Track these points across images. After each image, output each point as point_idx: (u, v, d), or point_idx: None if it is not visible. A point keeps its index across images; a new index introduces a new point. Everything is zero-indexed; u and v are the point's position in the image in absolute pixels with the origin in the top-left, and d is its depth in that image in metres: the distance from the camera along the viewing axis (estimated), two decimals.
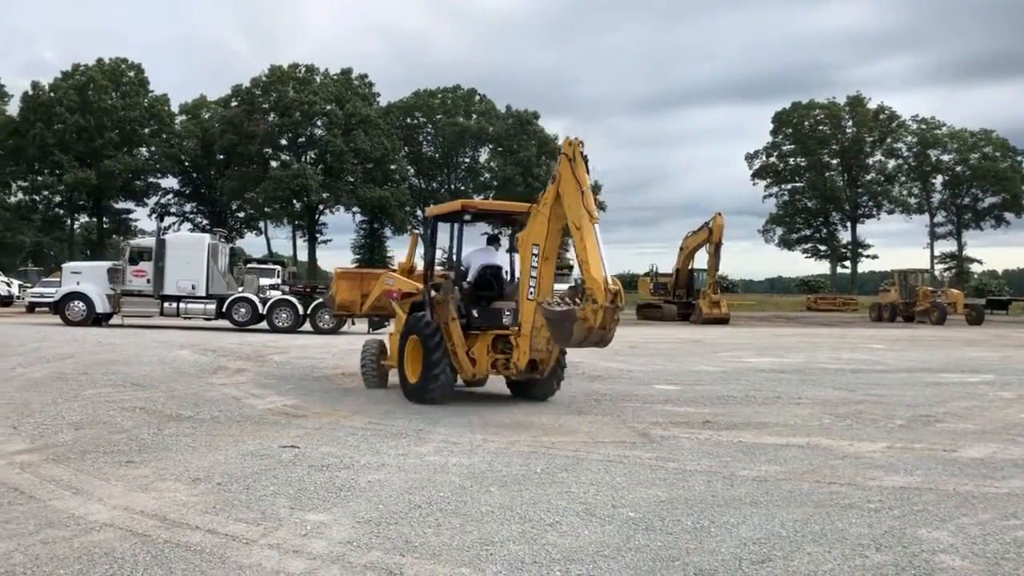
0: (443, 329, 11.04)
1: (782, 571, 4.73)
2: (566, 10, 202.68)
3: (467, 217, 11.94)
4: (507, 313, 11.26)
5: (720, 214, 40.32)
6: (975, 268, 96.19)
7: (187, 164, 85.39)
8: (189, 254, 28.03)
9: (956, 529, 5.60)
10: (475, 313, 11.23)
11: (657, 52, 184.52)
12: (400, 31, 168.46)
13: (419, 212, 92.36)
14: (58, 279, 31.69)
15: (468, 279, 11.69)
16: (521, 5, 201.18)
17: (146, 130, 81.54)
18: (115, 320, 28.53)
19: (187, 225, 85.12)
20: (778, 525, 5.64)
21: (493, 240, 12.54)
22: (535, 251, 10.55)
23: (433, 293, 11.39)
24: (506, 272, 12.11)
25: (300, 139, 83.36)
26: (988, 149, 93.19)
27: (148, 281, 27.67)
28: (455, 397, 11.58)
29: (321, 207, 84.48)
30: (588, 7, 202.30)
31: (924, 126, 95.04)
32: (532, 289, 10.48)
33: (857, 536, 5.41)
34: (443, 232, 12.35)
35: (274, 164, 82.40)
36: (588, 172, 10.18)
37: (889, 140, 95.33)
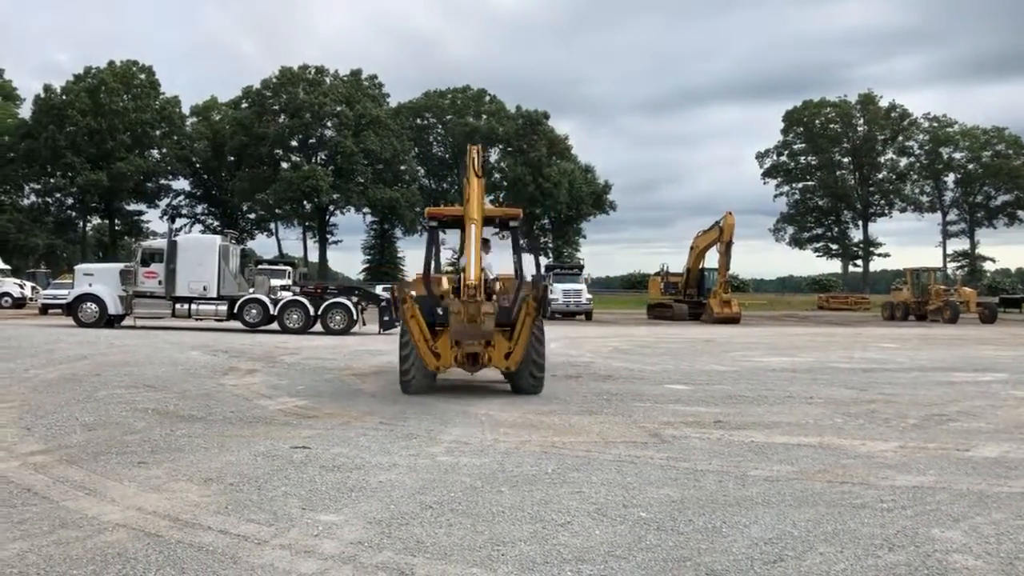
0: (406, 325, 11.67)
1: (794, 571, 4.72)
2: (576, 10, 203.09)
3: (432, 224, 13.09)
4: None
5: (731, 213, 40.24)
6: (988, 266, 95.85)
7: (198, 166, 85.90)
8: (200, 255, 28.11)
9: (969, 529, 5.57)
10: (439, 311, 11.77)
11: (667, 51, 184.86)
12: (410, 32, 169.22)
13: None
14: (68, 281, 31.84)
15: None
16: (531, 5, 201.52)
17: (157, 132, 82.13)
18: (127, 321, 28.64)
19: (198, 227, 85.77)
20: (790, 525, 5.62)
21: (483, 244, 12.47)
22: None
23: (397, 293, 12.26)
24: (487, 272, 12.56)
25: (310, 140, 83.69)
26: (1001, 147, 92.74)
27: (160, 283, 27.76)
28: (466, 397, 11.69)
29: (331, 208, 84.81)
30: (598, 6, 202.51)
31: (936, 124, 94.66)
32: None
33: (870, 536, 5.38)
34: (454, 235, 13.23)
35: (285, 165, 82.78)
36: (480, 176, 11.30)
37: (901, 138, 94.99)
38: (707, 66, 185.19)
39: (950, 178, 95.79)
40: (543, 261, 17.61)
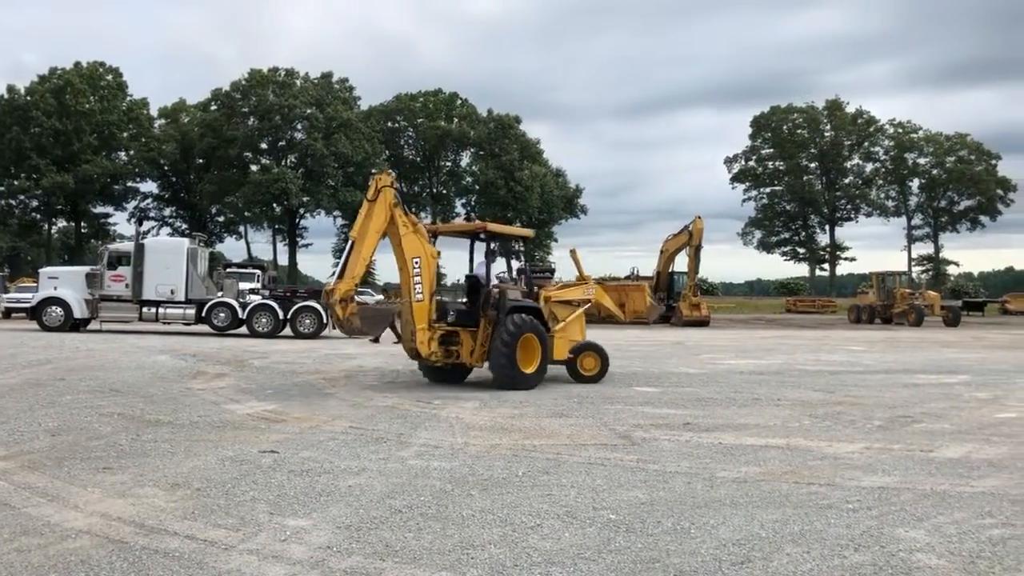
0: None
1: (761, 572, 4.76)
2: (550, 15, 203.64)
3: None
4: (451, 313, 13.68)
5: (700, 217, 40.56)
6: (951, 270, 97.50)
7: (166, 168, 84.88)
8: (168, 258, 27.82)
9: (933, 528, 5.66)
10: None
11: (640, 57, 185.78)
12: (383, 36, 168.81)
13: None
14: (33, 284, 31.35)
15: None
16: (505, 11, 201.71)
17: (124, 134, 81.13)
18: (93, 325, 28.28)
19: (166, 229, 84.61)
20: (757, 526, 5.67)
21: (490, 254, 14.29)
22: (416, 263, 13.15)
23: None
24: (481, 279, 13.95)
25: (280, 143, 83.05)
26: (963, 153, 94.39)
27: (127, 286, 27.44)
28: (437, 401, 11.77)
29: (301, 211, 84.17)
30: (572, 12, 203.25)
31: (901, 130, 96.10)
32: (420, 294, 13.09)
33: (836, 536, 5.44)
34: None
35: (254, 168, 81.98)
36: (371, 200, 12.95)
37: (867, 144, 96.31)
38: (679, 72, 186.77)
39: (915, 183, 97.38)
40: (515, 265, 18.17)
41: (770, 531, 5.56)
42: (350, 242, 13.08)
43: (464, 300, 14.45)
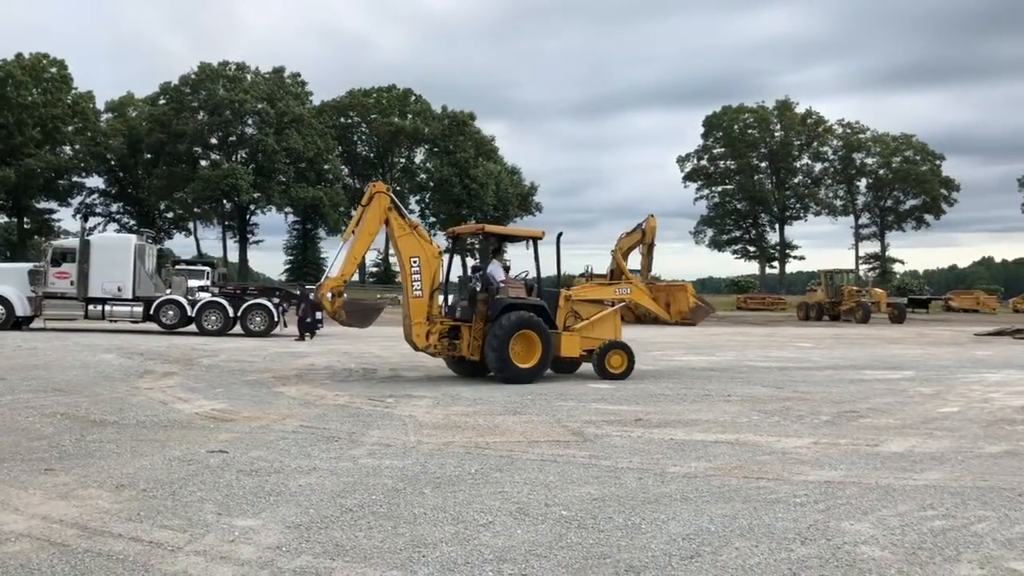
0: None
1: (711, 566, 4.81)
2: (505, 15, 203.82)
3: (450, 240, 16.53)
4: (457, 309, 14.60)
5: (652, 216, 40.82)
6: (897, 268, 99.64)
7: (113, 163, 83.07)
8: (115, 255, 27.26)
9: (877, 521, 5.77)
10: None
11: (596, 57, 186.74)
12: (340, 33, 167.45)
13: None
14: None
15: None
16: (461, 9, 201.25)
17: (70, 128, 79.07)
18: (37, 324, 27.60)
19: (113, 225, 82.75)
20: (707, 521, 5.73)
21: (496, 252, 15.53)
22: (415, 262, 14.07)
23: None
24: (490, 277, 14.73)
25: (230, 138, 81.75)
26: (909, 153, 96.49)
27: (72, 283, 26.83)
28: (390, 399, 11.73)
29: (252, 207, 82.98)
30: (527, 12, 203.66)
31: (849, 130, 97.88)
32: (418, 290, 14.06)
33: (783, 530, 5.52)
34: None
35: (204, 163, 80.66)
36: (365, 204, 14.19)
37: (816, 144, 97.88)
38: (633, 72, 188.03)
39: (862, 183, 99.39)
40: (469, 262, 18.71)
41: (719, 525, 5.62)
42: (342, 242, 14.51)
43: (466, 297, 15.02)
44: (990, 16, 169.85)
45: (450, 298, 15.14)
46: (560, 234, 15.65)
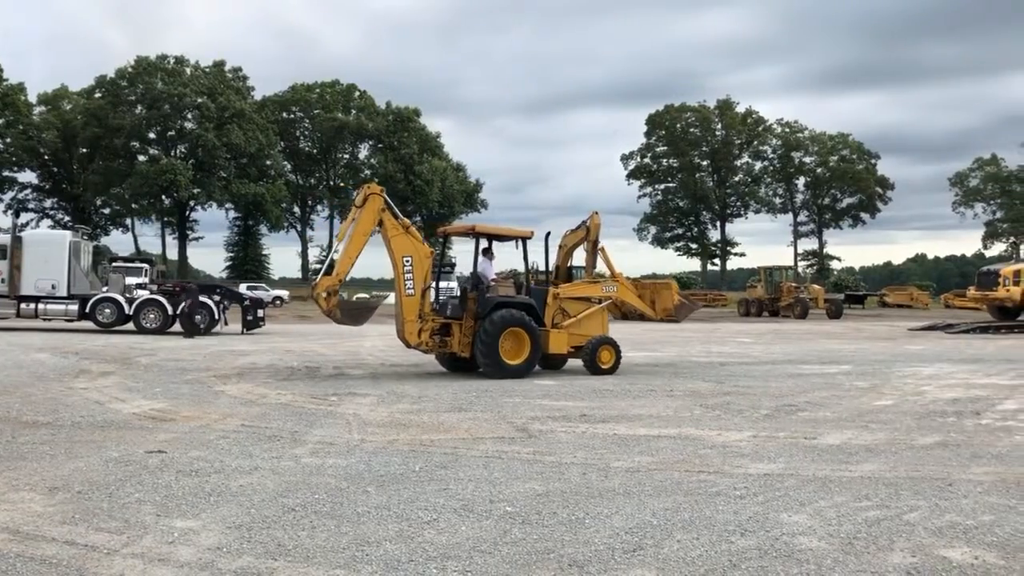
0: None
1: (653, 559, 4.87)
2: (452, 12, 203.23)
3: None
4: (449, 307, 14.83)
5: (597, 213, 40.94)
6: (834, 265, 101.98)
7: (47, 157, 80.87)
8: (48, 252, 26.58)
9: (814, 512, 5.90)
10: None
11: (541, 56, 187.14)
12: (288, 29, 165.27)
13: (296, 209, 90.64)
14: None
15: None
16: (409, 6, 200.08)
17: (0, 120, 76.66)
18: None
19: (47, 221, 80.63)
20: (649, 514, 5.80)
21: (486, 251, 15.66)
22: (407, 262, 14.30)
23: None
24: (482, 276, 15.01)
25: (169, 132, 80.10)
26: (846, 152, 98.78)
27: (3, 281, 26.09)
28: (333, 398, 11.64)
29: (192, 203, 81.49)
30: (474, 10, 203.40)
31: (788, 129, 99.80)
32: (411, 289, 14.31)
33: (724, 522, 5.61)
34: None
35: (142, 158, 78.93)
36: (359, 206, 14.47)
37: (756, 143, 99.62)
38: (578, 71, 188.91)
39: (800, 181, 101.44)
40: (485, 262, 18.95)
41: (661, 519, 5.69)
42: (337, 242, 15.07)
43: (457, 296, 15.41)
44: (921, 21, 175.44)
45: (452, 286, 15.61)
46: (548, 234, 16.22)
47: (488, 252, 15.70)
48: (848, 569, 4.70)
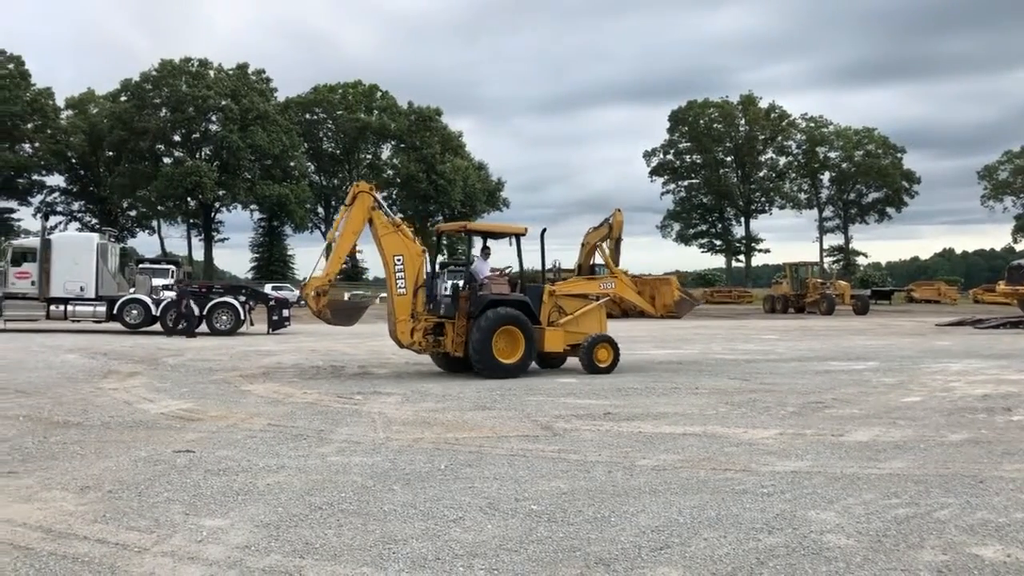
0: None
1: (679, 557, 4.85)
2: (472, 12, 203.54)
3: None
4: (442, 306, 14.60)
5: (620, 210, 40.87)
6: (861, 260, 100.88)
7: (74, 161, 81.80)
8: (77, 254, 26.89)
9: (842, 510, 5.85)
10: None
11: (561, 54, 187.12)
12: (309, 31, 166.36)
13: (320, 210, 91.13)
14: None
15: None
16: (428, 7, 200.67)
17: (28, 125, 77.61)
18: None
19: (75, 224, 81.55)
20: (676, 512, 5.78)
21: (483, 249, 15.53)
22: (398, 261, 14.25)
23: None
24: (475, 274, 14.77)
25: (194, 135, 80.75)
26: (871, 147, 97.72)
27: (33, 283, 26.42)
28: (358, 397, 11.70)
29: (217, 205, 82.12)
30: (492, 9, 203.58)
31: (812, 124, 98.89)
32: (402, 288, 14.25)
33: (751, 520, 5.58)
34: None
35: (167, 161, 79.66)
36: (347, 205, 14.51)
37: (780, 138, 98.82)
38: (599, 68, 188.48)
39: (825, 176, 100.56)
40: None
41: (688, 517, 5.67)
42: (327, 242, 14.97)
43: (450, 294, 15.01)
44: (942, 14, 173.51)
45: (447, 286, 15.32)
46: (544, 230, 15.75)
47: (485, 250, 15.54)
48: (878, 567, 4.66)
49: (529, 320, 14.50)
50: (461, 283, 14.75)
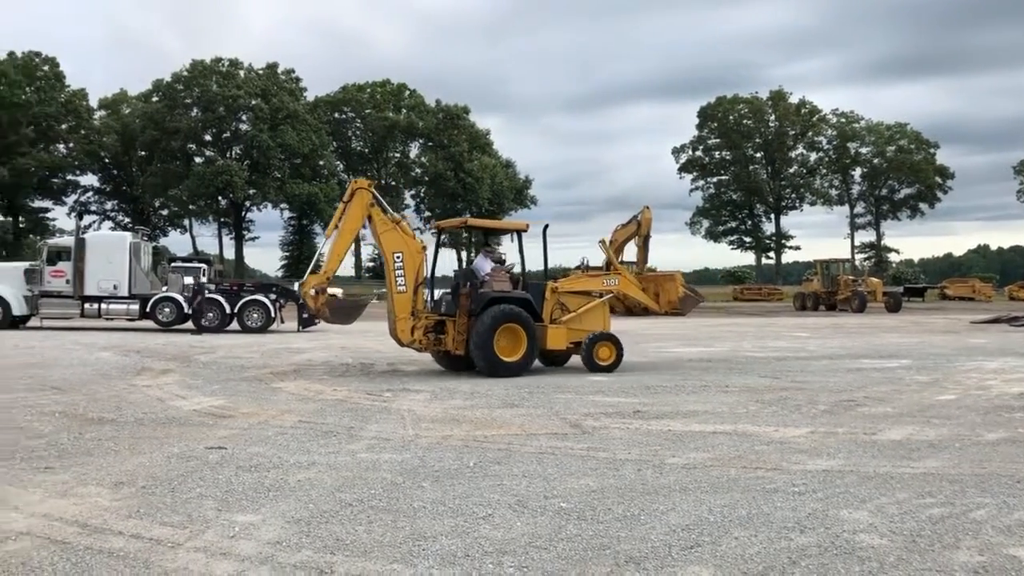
0: None
1: (710, 556, 4.82)
2: (500, 10, 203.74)
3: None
4: (443, 304, 14.57)
5: (648, 207, 40.64)
6: (893, 257, 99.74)
7: (107, 161, 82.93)
8: (110, 253, 27.23)
9: (875, 509, 5.78)
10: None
11: (588, 51, 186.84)
12: (339, 31, 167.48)
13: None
14: None
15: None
16: (456, 5, 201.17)
17: (63, 126, 78.86)
18: (33, 322, 27.56)
19: (108, 223, 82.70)
20: (706, 511, 5.74)
21: (486, 245, 15.56)
22: (398, 258, 14.01)
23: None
24: (476, 271, 14.76)
25: (225, 134, 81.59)
26: (903, 142, 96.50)
27: (67, 282, 26.80)
28: (388, 394, 11.74)
29: (247, 204, 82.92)
30: (520, 7, 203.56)
31: (843, 120, 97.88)
32: (402, 285, 14.00)
33: (782, 519, 5.54)
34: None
35: (198, 160, 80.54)
36: (346, 201, 14.20)
37: (810, 133, 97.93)
38: (627, 65, 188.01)
39: (857, 172, 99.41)
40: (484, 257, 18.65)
41: (718, 515, 5.63)
42: (325, 239, 14.73)
43: (451, 292, 14.89)
44: (973, 8, 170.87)
45: (436, 293, 15.05)
46: (546, 226, 15.59)
47: (488, 247, 15.35)
48: (912, 567, 4.60)
49: (531, 318, 14.35)
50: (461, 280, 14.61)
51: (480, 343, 13.79)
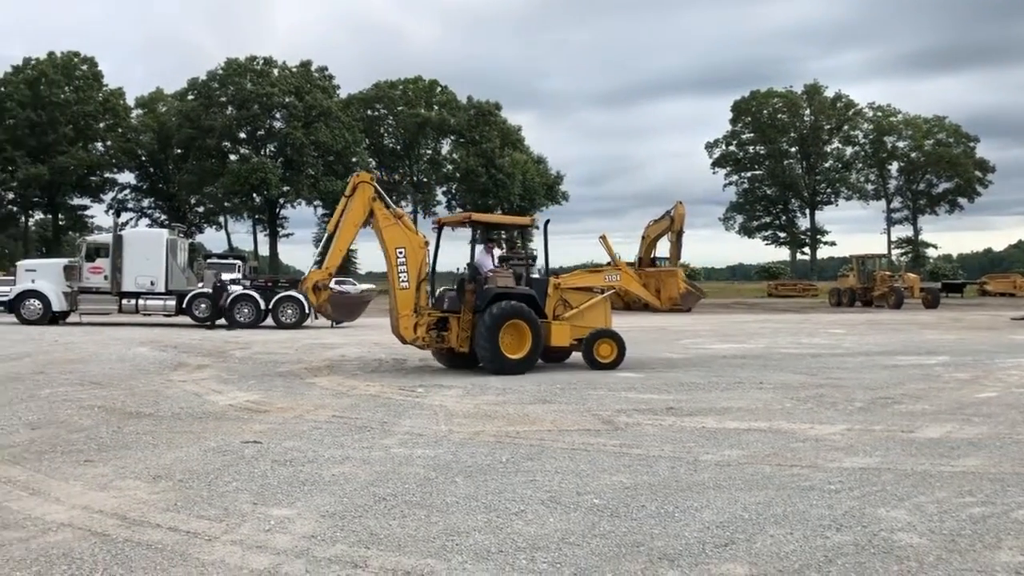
0: None
1: (745, 554, 4.78)
2: (533, 6, 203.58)
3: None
4: (446, 300, 14.36)
5: (681, 203, 40.49)
6: (930, 253, 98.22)
7: (144, 159, 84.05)
8: (147, 250, 27.60)
9: (914, 508, 5.70)
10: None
11: (622, 47, 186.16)
12: (371, 27, 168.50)
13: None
14: (10, 278, 31.06)
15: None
16: (489, 1, 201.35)
17: (101, 124, 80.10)
18: (72, 318, 28.02)
19: (145, 220, 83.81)
20: (740, 508, 5.70)
21: (489, 240, 15.28)
22: (400, 253, 13.83)
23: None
24: (479, 267, 14.50)
25: (259, 132, 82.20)
26: (942, 136, 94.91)
27: (105, 278, 27.21)
28: (421, 389, 11.82)
29: (282, 201, 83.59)
30: (553, 4, 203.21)
31: (880, 113, 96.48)
32: (405, 281, 13.82)
33: (818, 517, 5.48)
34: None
35: (233, 158, 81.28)
36: (347, 195, 14.05)
37: (846, 128, 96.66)
38: (660, 61, 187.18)
39: (894, 167, 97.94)
40: (496, 252, 18.54)
41: (753, 513, 5.59)
42: (327, 234, 14.43)
43: (455, 287, 14.75)
44: None
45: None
46: (547, 222, 15.58)
47: (491, 243, 15.25)
48: (952, 567, 4.53)
49: (536, 314, 14.11)
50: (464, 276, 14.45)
51: (485, 340, 13.53)
